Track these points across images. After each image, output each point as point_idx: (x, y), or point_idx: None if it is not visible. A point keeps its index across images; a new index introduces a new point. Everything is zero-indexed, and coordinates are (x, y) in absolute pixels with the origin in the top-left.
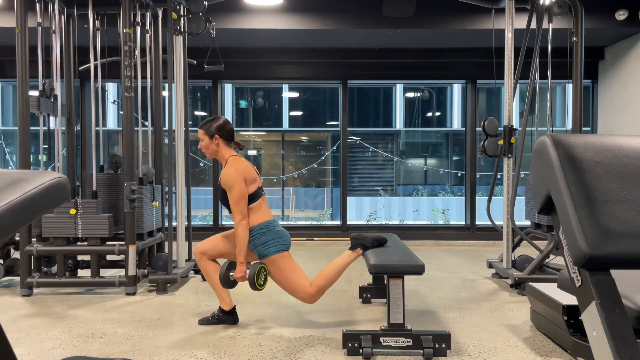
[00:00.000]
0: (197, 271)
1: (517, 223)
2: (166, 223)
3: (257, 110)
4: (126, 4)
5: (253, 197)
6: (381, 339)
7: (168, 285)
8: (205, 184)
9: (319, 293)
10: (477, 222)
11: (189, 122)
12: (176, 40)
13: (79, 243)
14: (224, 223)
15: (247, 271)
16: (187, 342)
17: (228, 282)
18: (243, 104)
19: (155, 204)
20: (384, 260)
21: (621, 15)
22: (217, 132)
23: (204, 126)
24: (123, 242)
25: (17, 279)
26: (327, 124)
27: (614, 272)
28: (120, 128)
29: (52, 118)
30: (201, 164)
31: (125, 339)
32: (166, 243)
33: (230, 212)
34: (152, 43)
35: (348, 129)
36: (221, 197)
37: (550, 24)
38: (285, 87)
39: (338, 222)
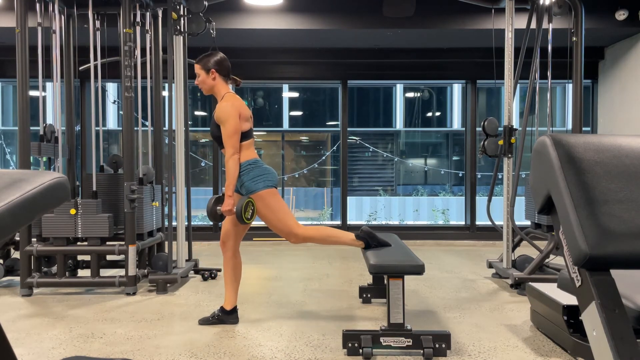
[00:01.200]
0: (197, 271)
1: (517, 223)
2: (166, 223)
3: (257, 110)
4: (126, 4)
5: (245, 135)
6: (381, 339)
7: (168, 285)
8: (205, 184)
9: (304, 239)
10: (477, 222)
11: (189, 122)
12: (176, 40)
13: (79, 243)
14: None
15: (235, 205)
16: (187, 342)
17: (215, 216)
18: None
19: (155, 204)
20: (384, 260)
21: (621, 15)
22: (214, 66)
23: (201, 61)
24: (123, 242)
25: (17, 279)
26: (327, 124)
27: (614, 272)
28: (121, 128)
29: (51, 118)
30: (201, 164)
31: (125, 339)
32: (166, 243)
33: (221, 147)
34: (152, 43)
35: (348, 129)
36: (214, 132)
37: (550, 24)
38: (285, 87)
39: (338, 222)
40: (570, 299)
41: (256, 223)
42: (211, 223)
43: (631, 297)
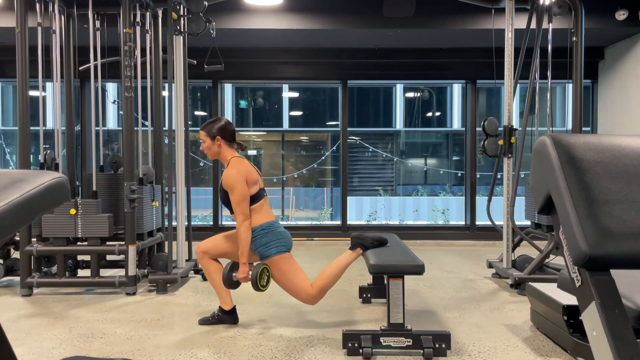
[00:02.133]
0: (197, 271)
1: (517, 223)
2: (166, 223)
3: (257, 110)
4: (126, 4)
5: (255, 198)
6: (381, 339)
7: (168, 285)
8: (205, 184)
9: (320, 294)
10: (477, 222)
11: (189, 122)
12: (176, 40)
13: (79, 243)
14: (224, 223)
15: (250, 272)
16: (187, 342)
17: (231, 283)
18: (243, 104)
19: (155, 204)
20: (384, 260)
21: (621, 15)
22: (218, 133)
23: (205, 127)
24: (123, 242)
25: (17, 279)
26: (327, 124)
27: (614, 272)
28: (121, 128)
29: (51, 118)
30: (201, 164)
31: (125, 339)
32: (166, 243)
33: (232, 213)
34: (152, 43)
35: (348, 129)
36: (223, 198)
37: (550, 24)
38: (285, 87)
39: (338, 222)
40: (570, 299)
41: None
42: (211, 223)
43: (631, 297)
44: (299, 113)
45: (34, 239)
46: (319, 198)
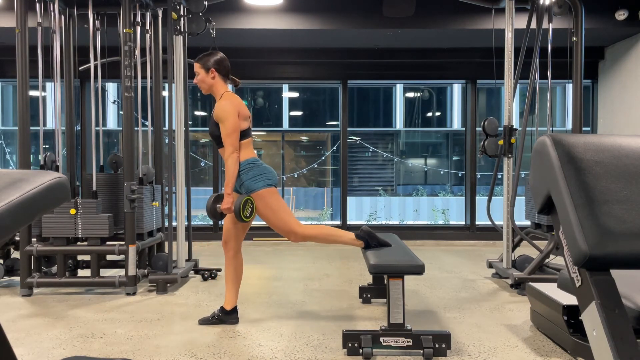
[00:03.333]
0: (197, 271)
1: (517, 223)
2: (166, 223)
3: (257, 110)
4: (126, 4)
5: (244, 134)
6: (381, 339)
7: (168, 285)
8: (205, 184)
9: (304, 238)
10: (477, 222)
11: (189, 122)
12: (176, 40)
13: (79, 243)
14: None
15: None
16: (187, 342)
17: (215, 214)
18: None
19: (155, 204)
20: (384, 260)
21: (621, 15)
22: (214, 65)
23: (200, 60)
24: (123, 242)
25: (17, 279)
26: (327, 124)
27: (614, 272)
28: (121, 128)
29: (51, 118)
30: (201, 164)
31: (125, 339)
32: (166, 243)
33: (219, 146)
34: (152, 43)
35: (348, 129)
36: (213, 131)
37: (550, 24)
38: (285, 87)
39: (338, 222)
40: (570, 299)
41: (257, 223)
42: (211, 223)
43: (631, 297)
44: (299, 113)
45: (34, 239)
46: (319, 198)
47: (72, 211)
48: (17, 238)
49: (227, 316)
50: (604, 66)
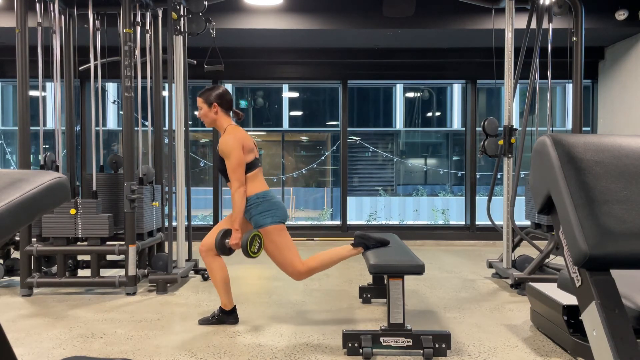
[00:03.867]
0: (197, 271)
1: (517, 223)
2: (166, 223)
3: (257, 110)
4: (126, 4)
5: (250, 166)
6: (381, 339)
7: (168, 285)
8: (205, 184)
9: (308, 273)
10: (477, 222)
11: (189, 122)
12: (176, 40)
13: (79, 243)
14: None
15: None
16: (187, 342)
17: (223, 250)
18: (243, 104)
19: (155, 204)
20: (384, 260)
21: (621, 15)
22: (216, 100)
23: (203, 94)
24: (123, 242)
25: (17, 279)
26: (327, 124)
27: (614, 272)
28: (121, 128)
29: (51, 118)
30: (201, 164)
31: (125, 339)
32: (166, 243)
33: (227, 181)
34: (152, 43)
35: (348, 129)
36: (219, 166)
37: (550, 24)
38: (285, 87)
39: (338, 222)
40: (570, 299)
41: None
42: (211, 223)
43: (631, 297)
44: (299, 113)
45: (34, 239)
46: (319, 198)
47: (72, 211)
48: (17, 238)
49: (226, 316)
50: (604, 66)
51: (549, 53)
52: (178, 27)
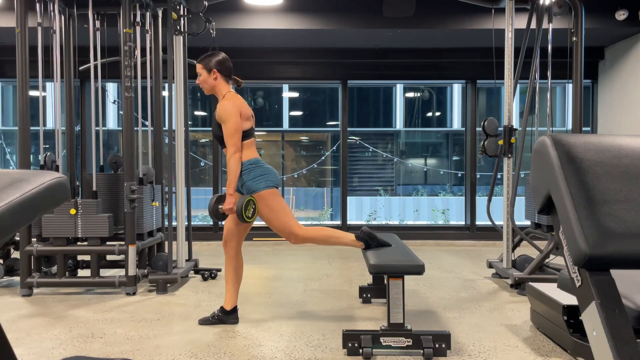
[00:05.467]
0: (197, 271)
1: (517, 223)
2: (166, 223)
3: (257, 110)
4: (126, 4)
5: (247, 134)
6: (381, 339)
7: (168, 285)
8: (205, 184)
9: (304, 240)
10: (477, 222)
11: (189, 122)
12: (176, 40)
13: (79, 243)
14: (224, 223)
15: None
16: (187, 342)
17: (217, 215)
18: None
19: (155, 204)
20: (384, 260)
21: (621, 15)
22: (216, 66)
23: (203, 60)
24: (123, 242)
25: (17, 279)
26: (327, 124)
27: (614, 272)
28: (121, 128)
29: (51, 118)
30: (201, 164)
31: (125, 339)
32: (166, 243)
33: (223, 147)
34: (152, 43)
35: (348, 129)
36: (215, 132)
37: (550, 24)
38: (285, 87)
39: (338, 222)
40: (570, 299)
41: (257, 223)
42: (211, 223)
43: (631, 297)
44: (299, 113)
45: (34, 239)
46: (319, 198)
47: (72, 211)
48: (17, 238)
49: (227, 316)
50: (604, 66)
51: (549, 53)
52: (178, 27)
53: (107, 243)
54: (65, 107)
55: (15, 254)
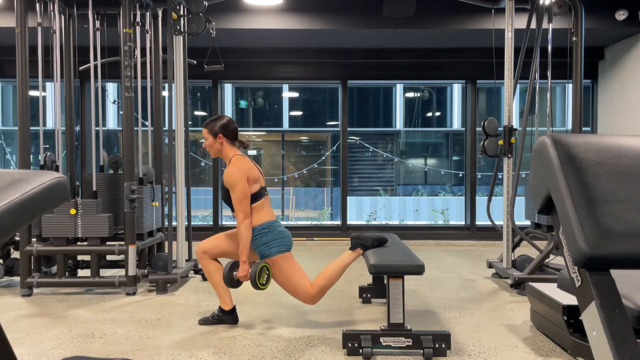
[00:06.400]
0: (197, 271)
1: (517, 223)
2: (166, 223)
3: (257, 110)
4: (126, 4)
5: (256, 197)
6: (381, 339)
7: (168, 285)
8: (205, 184)
9: (320, 294)
10: (477, 222)
11: (189, 122)
12: (176, 40)
13: (79, 243)
14: (224, 223)
15: (249, 270)
16: (187, 342)
17: (232, 282)
18: (243, 104)
19: (155, 204)
20: (384, 260)
21: (621, 15)
22: (220, 131)
23: (207, 125)
24: (123, 242)
25: (17, 279)
26: (327, 124)
27: (614, 272)
28: (121, 128)
29: (51, 118)
30: (201, 164)
31: (125, 339)
32: (166, 243)
33: (233, 211)
34: (152, 43)
35: (348, 129)
36: (224, 196)
37: (550, 24)
38: (285, 87)
39: (338, 222)
40: (570, 299)
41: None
42: (211, 223)
43: (631, 297)
44: (299, 113)
45: (34, 239)
46: (319, 198)
47: (72, 211)
48: (17, 238)
49: (226, 316)
50: (604, 66)
51: (549, 53)
52: (178, 27)
53: (107, 243)
54: (65, 107)
55: (15, 254)
